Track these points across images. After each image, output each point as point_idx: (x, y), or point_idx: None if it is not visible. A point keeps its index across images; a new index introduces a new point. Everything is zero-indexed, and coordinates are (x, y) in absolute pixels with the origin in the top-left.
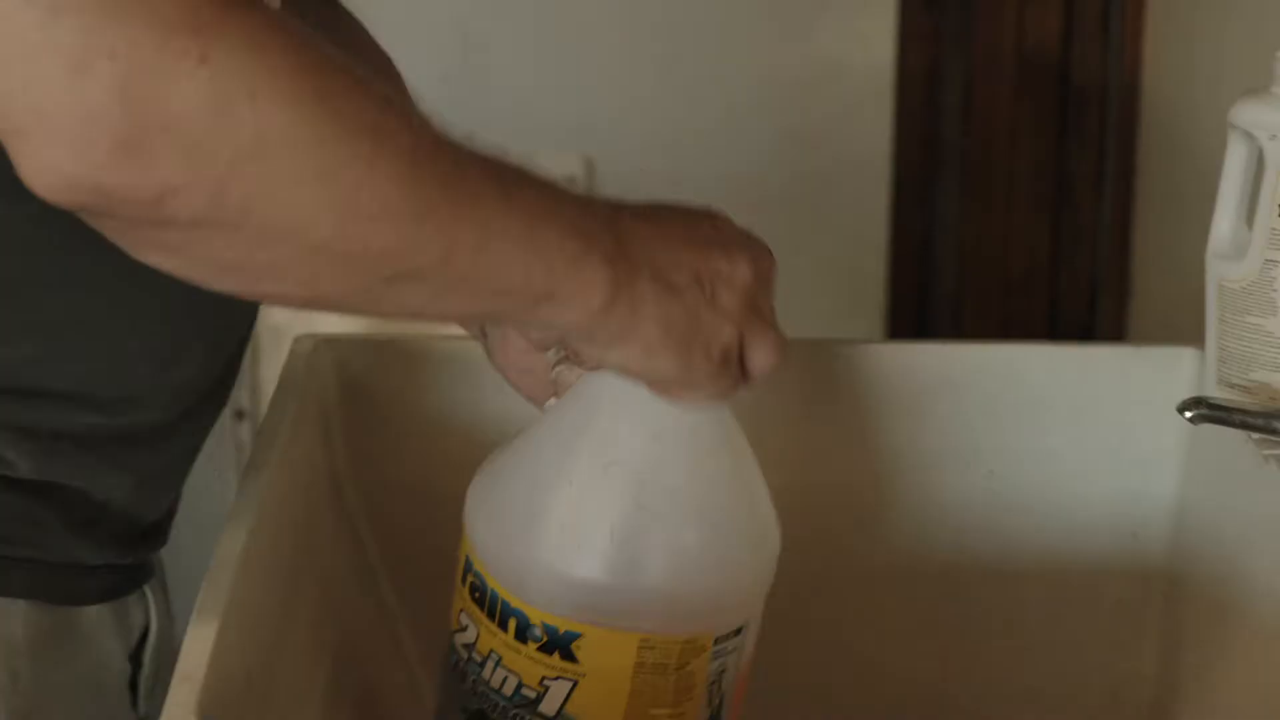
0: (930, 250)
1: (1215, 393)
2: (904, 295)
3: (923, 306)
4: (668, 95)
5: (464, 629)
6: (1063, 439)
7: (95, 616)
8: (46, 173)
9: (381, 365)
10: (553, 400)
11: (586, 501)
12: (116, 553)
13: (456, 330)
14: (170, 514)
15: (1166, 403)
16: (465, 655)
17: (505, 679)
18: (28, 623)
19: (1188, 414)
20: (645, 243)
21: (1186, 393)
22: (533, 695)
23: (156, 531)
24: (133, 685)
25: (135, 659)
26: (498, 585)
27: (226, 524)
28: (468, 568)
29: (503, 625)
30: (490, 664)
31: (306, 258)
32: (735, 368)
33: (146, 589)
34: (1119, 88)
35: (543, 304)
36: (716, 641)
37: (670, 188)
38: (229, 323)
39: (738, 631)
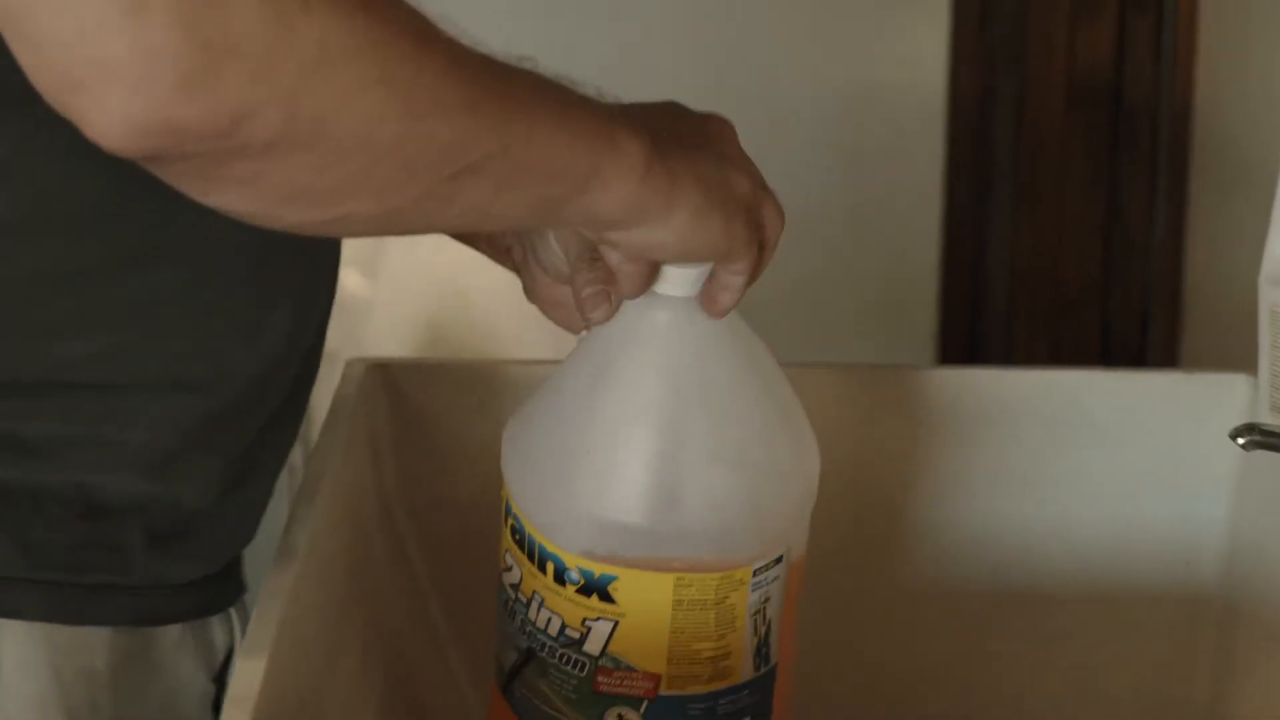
0: (982, 270)
1: (1268, 419)
2: (955, 315)
3: (974, 327)
4: None
5: (509, 569)
6: (1114, 465)
7: (176, 638)
8: (114, 122)
9: (432, 389)
10: (586, 332)
11: (615, 446)
12: (199, 567)
13: (506, 354)
14: (249, 520)
15: (1219, 429)
16: (512, 595)
17: (550, 619)
18: (112, 649)
19: (1240, 440)
20: (647, 117)
21: (1239, 419)
22: (576, 636)
23: (238, 540)
24: (216, 706)
25: (220, 680)
26: (534, 530)
27: (279, 549)
28: (508, 510)
29: (542, 568)
30: (535, 605)
31: (376, 166)
32: (756, 233)
33: (231, 610)
34: (1171, 108)
35: (592, 184)
36: (755, 573)
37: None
38: (312, 278)
39: (778, 560)
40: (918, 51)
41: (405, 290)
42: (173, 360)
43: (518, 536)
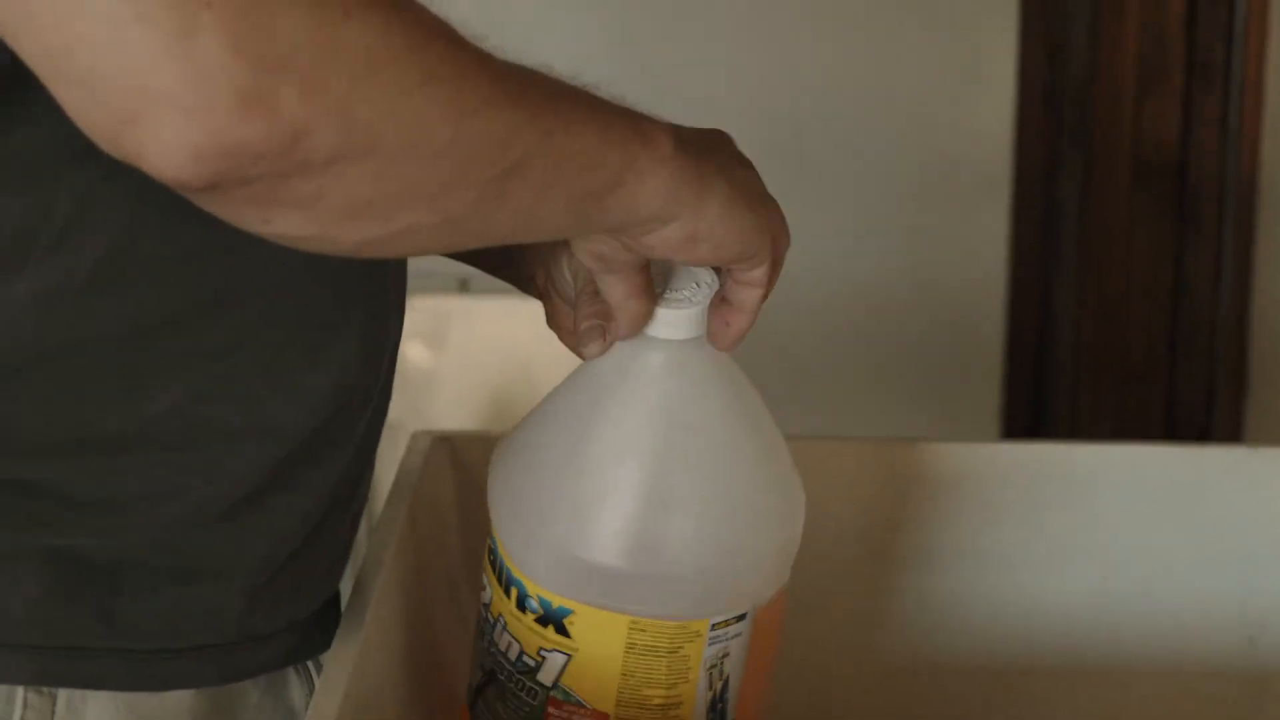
0: (1046, 344)
1: None
2: (1020, 389)
3: (1038, 401)
4: (784, 192)
5: (484, 588)
6: (1178, 540)
7: (255, 701)
8: (173, 152)
9: None
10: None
11: (589, 483)
12: (289, 613)
13: None
14: (336, 561)
15: None
16: (483, 614)
17: (510, 644)
18: (194, 713)
19: None
20: (659, 121)
21: None
22: (532, 664)
23: (327, 582)
24: None
25: None
26: (506, 554)
27: (342, 623)
28: (489, 529)
29: (507, 592)
30: (499, 627)
31: (432, 170)
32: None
33: (310, 668)
34: (1237, 182)
35: (628, 175)
36: (714, 627)
37: (789, 285)
38: (381, 302)
39: (740, 618)
40: (983, 126)
41: (469, 363)
42: (251, 400)
43: (493, 557)
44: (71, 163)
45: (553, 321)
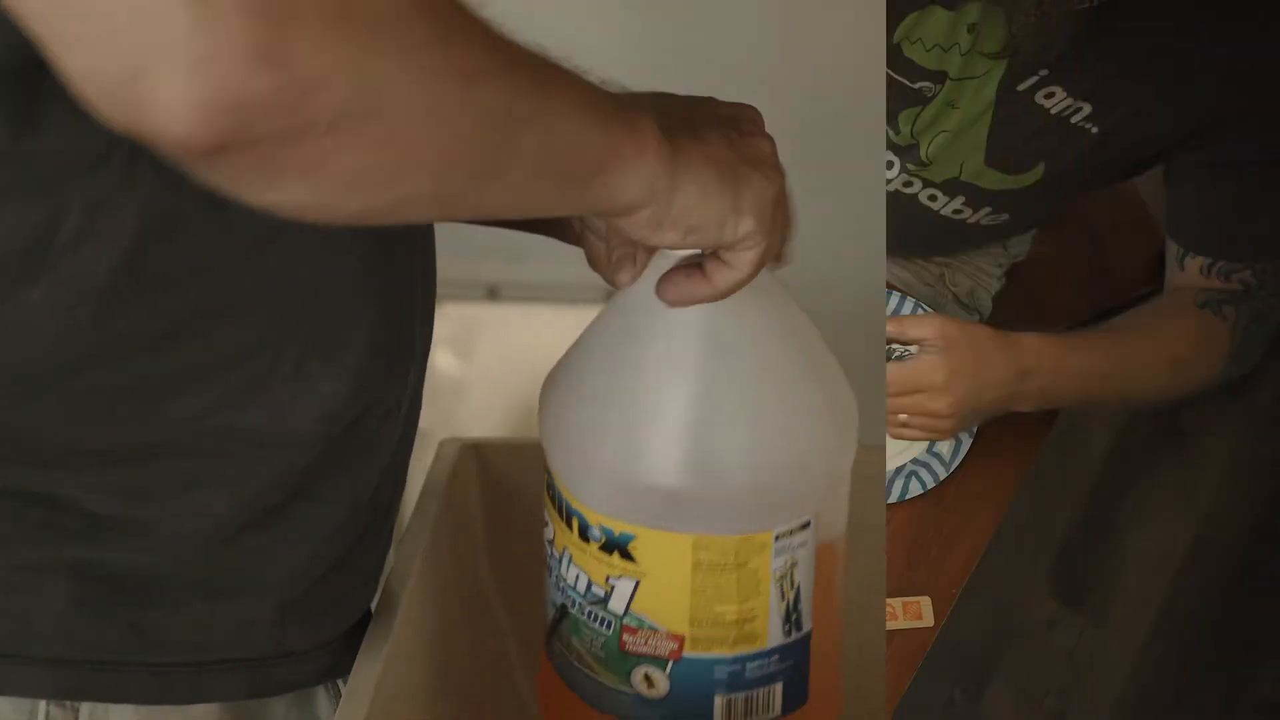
0: None
1: None
2: None
3: None
4: (816, 201)
5: (547, 524)
6: None
7: (282, 715)
8: (181, 107)
9: (525, 469)
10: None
11: (638, 407)
12: (325, 631)
13: None
14: (373, 575)
15: None
16: (549, 551)
17: (578, 576)
18: None
19: None
20: (655, 102)
21: None
22: (602, 593)
23: (363, 597)
24: None
25: None
26: (563, 486)
27: (368, 632)
28: (546, 466)
29: (569, 524)
30: (565, 561)
31: (435, 135)
32: (780, 215)
33: (340, 686)
34: None
35: (611, 164)
36: (778, 538)
37: (825, 293)
38: (401, 309)
39: (805, 525)
40: None
41: (498, 371)
42: (271, 406)
43: (551, 492)
44: (82, 171)
45: (594, 263)
